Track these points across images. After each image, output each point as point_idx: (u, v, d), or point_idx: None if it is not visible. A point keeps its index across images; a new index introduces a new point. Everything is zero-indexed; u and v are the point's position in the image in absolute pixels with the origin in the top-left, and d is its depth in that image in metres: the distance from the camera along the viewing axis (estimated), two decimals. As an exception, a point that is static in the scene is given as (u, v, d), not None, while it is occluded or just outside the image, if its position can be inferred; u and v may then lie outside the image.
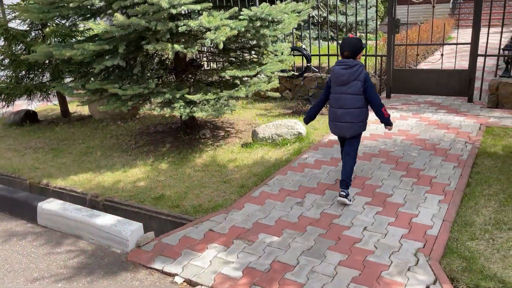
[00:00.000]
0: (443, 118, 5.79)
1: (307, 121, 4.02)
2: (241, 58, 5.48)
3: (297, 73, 7.70)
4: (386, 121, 3.70)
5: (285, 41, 7.60)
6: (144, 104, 5.02)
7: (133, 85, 4.76)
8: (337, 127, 3.75)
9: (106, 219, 3.67)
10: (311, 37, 8.17)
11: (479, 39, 6.15)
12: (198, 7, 4.36)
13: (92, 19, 5.34)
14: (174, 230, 3.57)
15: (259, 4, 6.83)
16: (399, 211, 3.47)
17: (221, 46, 4.40)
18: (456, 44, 6.31)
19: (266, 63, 5.45)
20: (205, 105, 4.94)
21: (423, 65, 9.31)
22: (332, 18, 8.25)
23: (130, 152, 5.64)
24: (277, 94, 5.81)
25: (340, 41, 5.58)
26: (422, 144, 4.89)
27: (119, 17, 4.22)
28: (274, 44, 5.39)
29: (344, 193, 3.59)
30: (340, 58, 3.71)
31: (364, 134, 4.27)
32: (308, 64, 7.54)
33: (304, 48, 7.55)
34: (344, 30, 8.90)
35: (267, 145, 5.35)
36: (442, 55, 6.60)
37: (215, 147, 5.49)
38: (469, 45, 6.36)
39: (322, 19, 7.72)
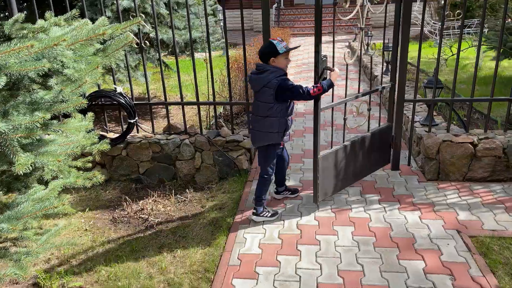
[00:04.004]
0: (389, 219, 3.35)
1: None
2: None
3: (113, 136, 4.31)
4: (328, 89, 3.15)
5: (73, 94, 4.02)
6: None
7: None
8: (250, 135, 3.43)
9: None
10: (130, 66, 4.84)
11: (406, 77, 3.94)
12: None
13: None
14: None
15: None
16: None
17: None
18: (370, 92, 3.93)
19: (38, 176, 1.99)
20: None
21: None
22: (163, 36, 5.09)
23: None
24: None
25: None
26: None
27: None
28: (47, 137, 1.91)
29: (255, 210, 3.42)
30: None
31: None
32: (132, 121, 4.23)
33: (120, 93, 4.19)
34: (177, 50, 5.85)
35: None
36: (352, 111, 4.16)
37: None
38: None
39: (147, 40, 4.50)
